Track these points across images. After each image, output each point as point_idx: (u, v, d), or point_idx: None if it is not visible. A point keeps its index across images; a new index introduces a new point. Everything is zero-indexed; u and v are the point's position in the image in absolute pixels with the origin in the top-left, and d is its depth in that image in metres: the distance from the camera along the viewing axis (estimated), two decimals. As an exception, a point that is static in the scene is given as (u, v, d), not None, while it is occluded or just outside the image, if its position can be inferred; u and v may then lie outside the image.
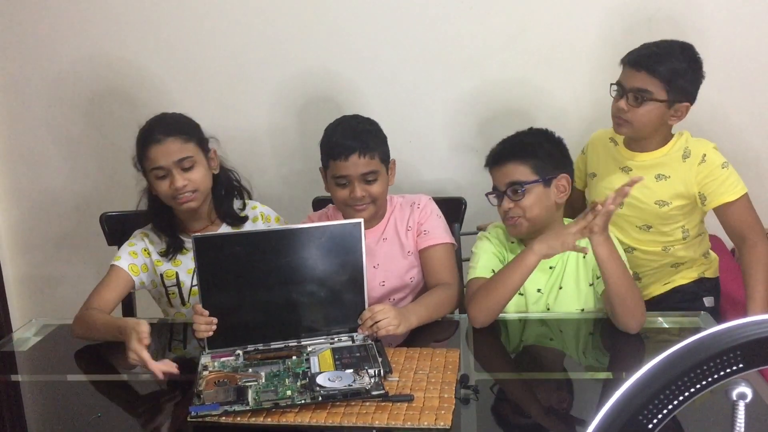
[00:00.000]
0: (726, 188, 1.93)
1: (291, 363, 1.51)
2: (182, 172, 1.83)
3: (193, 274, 1.90)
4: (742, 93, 2.44)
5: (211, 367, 1.52)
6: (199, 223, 1.95)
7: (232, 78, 2.54)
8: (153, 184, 1.87)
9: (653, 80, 1.87)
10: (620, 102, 1.92)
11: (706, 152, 1.95)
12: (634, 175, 1.93)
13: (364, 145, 1.81)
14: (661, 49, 1.90)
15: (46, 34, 2.56)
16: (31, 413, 1.55)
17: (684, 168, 1.96)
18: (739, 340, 0.58)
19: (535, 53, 2.45)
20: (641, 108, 1.89)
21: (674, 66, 1.87)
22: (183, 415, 1.37)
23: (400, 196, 2.01)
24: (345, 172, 1.81)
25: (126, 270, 1.88)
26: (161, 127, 1.85)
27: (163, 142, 1.82)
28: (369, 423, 1.31)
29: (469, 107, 2.52)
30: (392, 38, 2.46)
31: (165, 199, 1.87)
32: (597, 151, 2.14)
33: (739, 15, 2.37)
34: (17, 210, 2.75)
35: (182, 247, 1.94)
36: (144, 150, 1.84)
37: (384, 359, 1.48)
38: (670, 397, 0.58)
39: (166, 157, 1.82)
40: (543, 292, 1.85)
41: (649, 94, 1.88)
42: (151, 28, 2.52)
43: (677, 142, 1.99)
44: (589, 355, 1.73)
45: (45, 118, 2.65)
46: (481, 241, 1.92)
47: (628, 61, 1.93)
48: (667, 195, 1.97)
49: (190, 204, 1.86)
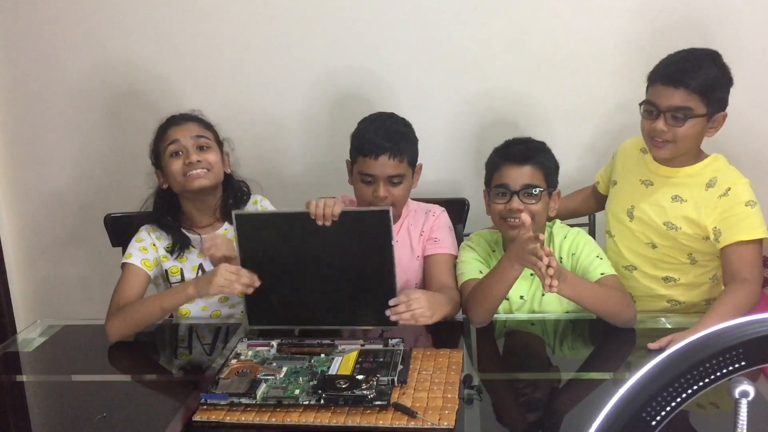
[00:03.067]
0: (745, 226, 1.76)
1: (316, 361, 1.52)
2: (198, 151, 1.86)
3: (198, 272, 1.92)
4: (750, 91, 2.42)
5: (244, 355, 1.57)
6: (206, 217, 1.95)
7: (237, 79, 2.55)
8: (166, 165, 1.87)
9: (692, 96, 1.73)
10: (657, 123, 1.77)
11: (732, 186, 1.79)
12: (655, 190, 1.88)
13: (395, 147, 1.82)
14: (690, 61, 1.77)
15: (53, 37, 2.56)
16: (35, 414, 1.55)
17: (704, 196, 1.82)
18: (741, 338, 0.58)
19: (538, 56, 2.45)
20: (683, 127, 1.75)
21: (708, 76, 1.74)
22: (187, 415, 1.37)
23: (415, 202, 2.02)
24: (372, 170, 1.83)
25: (140, 266, 1.87)
26: (182, 115, 1.93)
27: (182, 124, 1.89)
28: (373, 423, 1.31)
29: (473, 109, 2.52)
30: (395, 41, 2.46)
31: (176, 178, 1.86)
32: (625, 160, 2.03)
33: (742, 13, 2.36)
34: (23, 211, 2.76)
35: (188, 244, 1.93)
36: (163, 132, 1.89)
37: (404, 368, 1.47)
38: (673, 394, 0.58)
39: (184, 133, 1.87)
40: (526, 298, 1.85)
41: (690, 111, 1.74)
42: (159, 29, 2.51)
43: (707, 167, 1.85)
44: (591, 355, 1.73)
45: (50, 120, 2.66)
46: (465, 250, 1.92)
47: (661, 79, 1.77)
48: (677, 218, 1.85)
49: (202, 181, 1.85)
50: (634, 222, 1.94)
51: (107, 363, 1.74)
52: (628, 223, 1.95)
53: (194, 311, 1.93)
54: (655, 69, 1.81)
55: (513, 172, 1.77)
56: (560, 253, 1.84)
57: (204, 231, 1.94)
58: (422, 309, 1.61)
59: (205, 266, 1.92)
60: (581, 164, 2.46)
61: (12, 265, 2.79)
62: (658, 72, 1.80)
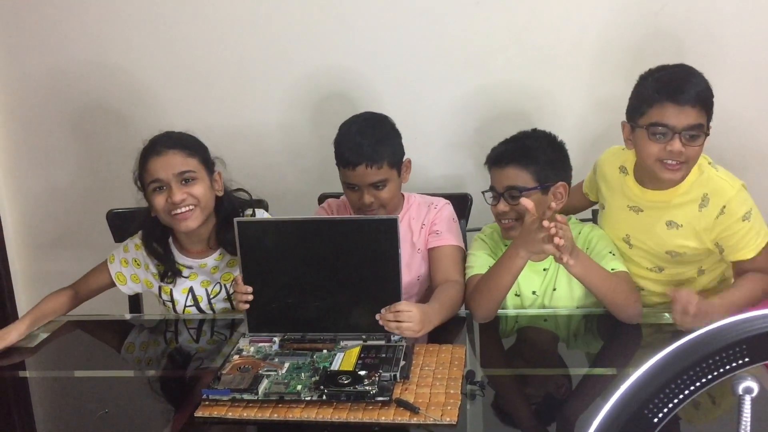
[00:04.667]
0: (745, 243, 1.73)
1: (318, 357, 1.52)
2: (182, 186, 1.73)
3: (188, 294, 1.88)
4: (751, 88, 2.42)
5: (246, 351, 1.56)
6: (197, 246, 1.87)
7: (239, 76, 2.54)
8: (150, 200, 1.77)
9: (701, 113, 1.66)
10: (674, 145, 1.65)
11: (727, 204, 1.71)
12: (646, 217, 1.80)
13: (372, 155, 1.80)
14: (687, 76, 1.68)
15: (54, 35, 2.56)
16: (38, 409, 1.56)
17: (699, 218, 1.74)
18: (745, 333, 0.58)
19: (539, 51, 2.44)
20: (696, 145, 1.67)
21: (706, 90, 1.68)
22: (189, 411, 1.37)
23: (419, 196, 2.01)
24: (353, 180, 1.84)
25: (112, 276, 1.91)
26: (164, 141, 1.77)
27: (163, 154, 1.74)
28: (375, 419, 1.31)
29: (475, 104, 2.51)
30: (396, 35, 2.46)
31: (162, 216, 1.76)
32: (607, 182, 1.93)
33: (745, 11, 2.35)
34: (24, 207, 2.76)
35: (180, 272, 1.87)
36: (144, 163, 1.76)
37: (406, 364, 1.47)
38: (676, 391, 0.57)
39: (165, 169, 1.72)
40: (538, 294, 1.85)
41: (702, 128, 1.67)
42: (157, 28, 2.52)
43: (694, 183, 1.75)
44: (594, 350, 1.73)
45: (52, 117, 2.66)
46: (476, 242, 1.92)
47: (671, 97, 1.65)
48: (678, 246, 1.78)
49: (188, 223, 1.74)
50: (633, 250, 1.86)
51: (109, 359, 1.74)
52: (627, 251, 1.87)
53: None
54: (654, 89, 1.68)
55: (497, 174, 1.81)
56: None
57: (197, 257, 1.87)
58: (410, 324, 1.55)
59: (196, 290, 1.89)
60: (585, 159, 2.44)
61: (15, 261, 2.80)
62: (661, 92, 1.66)
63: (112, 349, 1.83)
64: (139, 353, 1.79)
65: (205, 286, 1.89)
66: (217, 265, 1.88)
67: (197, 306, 1.89)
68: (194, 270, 1.88)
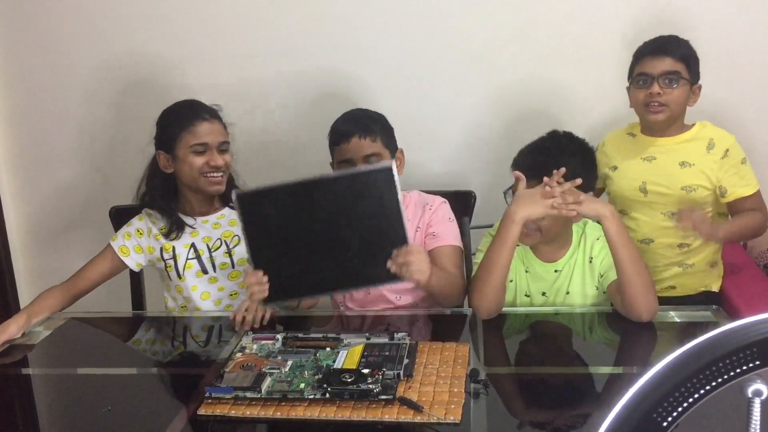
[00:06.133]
0: (745, 182, 2.00)
1: (321, 355, 1.52)
2: (220, 153, 1.91)
3: (190, 249, 1.95)
4: (750, 86, 2.41)
5: (249, 349, 1.56)
6: (205, 205, 1.99)
7: (239, 76, 2.54)
8: (185, 157, 1.89)
9: (678, 63, 1.96)
10: (652, 88, 1.96)
11: (729, 147, 2.00)
12: (660, 163, 2.03)
13: (364, 128, 1.85)
14: (669, 38, 2.01)
15: (58, 30, 2.56)
16: (41, 406, 1.55)
17: (708, 159, 2.00)
18: (754, 336, 0.57)
19: (544, 46, 2.44)
20: (675, 90, 1.96)
21: (687, 48, 1.99)
22: (192, 409, 1.37)
23: (417, 194, 2.00)
24: (348, 155, 1.85)
25: (116, 251, 1.94)
26: (207, 109, 1.94)
27: (211, 122, 1.91)
28: (378, 417, 1.30)
29: (478, 100, 2.51)
30: (400, 32, 2.45)
31: (194, 173, 1.89)
32: (617, 147, 2.14)
33: (750, 5, 2.34)
34: (28, 204, 2.76)
35: (184, 227, 1.96)
36: (189, 123, 1.89)
37: (410, 362, 1.46)
38: (685, 395, 0.57)
39: (213, 135, 1.90)
40: (548, 295, 1.84)
41: (679, 74, 1.96)
42: (158, 27, 2.52)
43: (701, 131, 2.03)
44: (599, 349, 1.72)
45: (56, 113, 2.66)
46: (486, 237, 1.90)
47: (649, 51, 1.99)
48: (692, 181, 2.00)
49: (219, 187, 1.92)
50: (649, 196, 2.04)
51: (112, 356, 1.74)
52: (643, 199, 2.05)
53: (206, 306, 1.95)
54: (639, 49, 2.03)
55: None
56: (591, 252, 1.81)
57: (202, 216, 1.98)
58: (420, 265, 1.60)
59: (197, 245, 1.95)
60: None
61: (18, 257, 2.80)
62: (643, 50, 2.02)
63: (115, 347, 1.83)
64: (141, 350, 1.79)
65: (206, 241, 1.97)
66: (218, 222, 1.99)
67: (198, 259, 1.95)
68: (196, 227, 1.97)
